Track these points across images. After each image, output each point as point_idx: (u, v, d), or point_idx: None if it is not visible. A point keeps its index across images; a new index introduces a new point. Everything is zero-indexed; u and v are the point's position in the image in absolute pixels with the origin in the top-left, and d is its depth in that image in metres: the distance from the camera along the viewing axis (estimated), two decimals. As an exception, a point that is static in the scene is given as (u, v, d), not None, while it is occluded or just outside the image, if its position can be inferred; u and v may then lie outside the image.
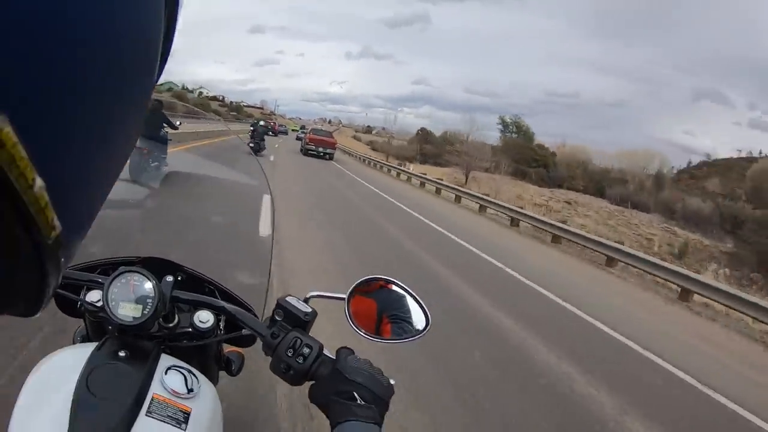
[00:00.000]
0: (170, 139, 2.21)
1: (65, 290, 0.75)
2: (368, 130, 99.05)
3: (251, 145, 3.33)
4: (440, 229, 7.96)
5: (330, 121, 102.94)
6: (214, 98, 67.00)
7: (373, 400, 0.58)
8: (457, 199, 14.09)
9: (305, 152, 21.97)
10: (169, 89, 56.49)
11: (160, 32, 0.18)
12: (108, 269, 0.67)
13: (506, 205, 12.19)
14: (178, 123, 2.39)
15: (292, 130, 55.21)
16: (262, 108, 55.88)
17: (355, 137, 76.83)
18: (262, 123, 17.44)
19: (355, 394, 0.58)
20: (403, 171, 21.60)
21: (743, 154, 54.32)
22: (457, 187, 16.60)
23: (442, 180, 18.47)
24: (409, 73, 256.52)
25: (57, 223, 0.14)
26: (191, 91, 64.42)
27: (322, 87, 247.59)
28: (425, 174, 20.34)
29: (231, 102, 52.59)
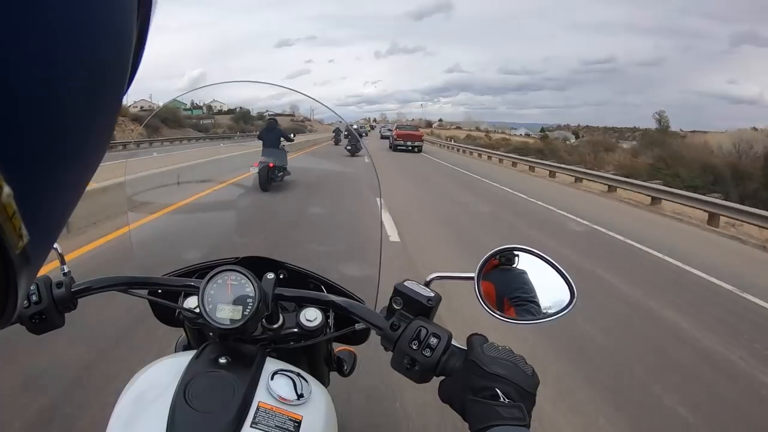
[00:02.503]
0: (288, 151, 2.35)
1: (162, 298, 0.71)
2: (429, 124, 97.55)
3: (348, 148, 3.56)
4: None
5: (375, 119, 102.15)
6: (230, 111, 55.89)
7: (519, 397, 0.48)
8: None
9: (394, 148, 22.12)
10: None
11: (132, 41, 0.17)
12: (205, 273, 0.63)
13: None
14: (292, 135, 2.57)
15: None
16: (293, 114, 47.75)
17: (432, 132, 76.48)
18: (355, 126, 17.83)
19: (498, 391, 0.48)
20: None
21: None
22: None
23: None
24: (441, 63, 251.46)
25: (25, 232, 0.14)
26: (199, 108, 53.98)
27: (356, 89, 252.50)
28: None
29: (240, 110, 45.93)
